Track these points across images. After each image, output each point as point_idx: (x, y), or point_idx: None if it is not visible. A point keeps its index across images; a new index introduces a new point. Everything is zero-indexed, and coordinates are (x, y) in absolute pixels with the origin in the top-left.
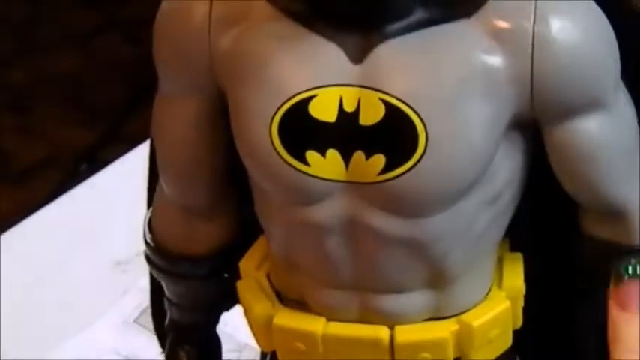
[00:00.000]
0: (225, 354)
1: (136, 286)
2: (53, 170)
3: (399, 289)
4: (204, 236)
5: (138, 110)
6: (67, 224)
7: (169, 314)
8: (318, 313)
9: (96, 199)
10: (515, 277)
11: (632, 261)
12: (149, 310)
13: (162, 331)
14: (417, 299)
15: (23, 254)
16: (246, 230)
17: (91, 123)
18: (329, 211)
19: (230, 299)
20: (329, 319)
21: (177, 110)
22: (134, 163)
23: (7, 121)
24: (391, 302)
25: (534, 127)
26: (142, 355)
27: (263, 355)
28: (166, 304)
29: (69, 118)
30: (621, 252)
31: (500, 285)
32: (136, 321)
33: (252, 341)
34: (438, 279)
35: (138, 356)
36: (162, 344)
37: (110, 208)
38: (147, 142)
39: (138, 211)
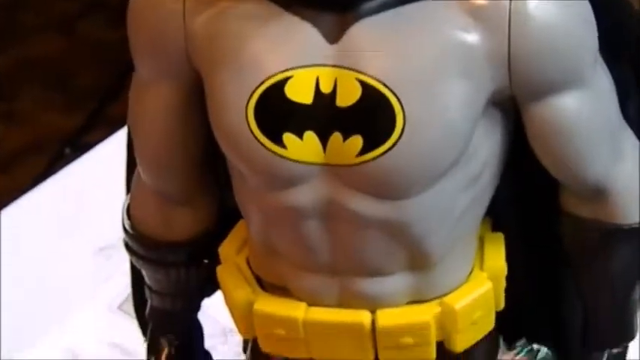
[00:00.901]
0: (210, 339)
1: (120, 272)
2: (38, 155)
3: (379, 273)
4: (182, 223)
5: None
6: (50, 210)
7: (150, 302)
8: (299, 299)
9: (79, 186)
10: (496, 257)
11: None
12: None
13: (143, 320)
14: (397, 282)
15: (6, 241)
16: (225, 217)
17: (75, 107)
18: (307, 195)
19: (211, 285)
20: (310, 305)
21: (153, 97)
22: (117, 148)
23: None
24: (372, 286)
25: (513, 105)
26: (126, 342)
27: (245, 343)
28: (147, 291)
29: (53, 102)
30: (604, 231)
31: (481, 266)
32: (120, 308)
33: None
34: (418, 261)
35: (122, 343)
36: (145, 332)
37: (93, 195)
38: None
39: (121, 197)
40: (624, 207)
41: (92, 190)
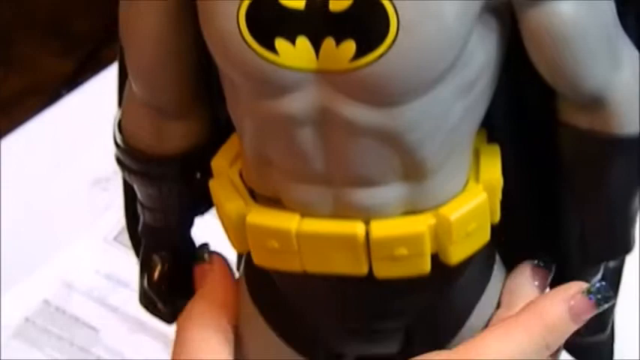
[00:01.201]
0: None
1: (116, 204)
2: (35, 98)
3: (373, 183)
4: (173, 136)
5: (116, 37)
6: (46, 143)
7: (142, 219)
8: (292, 210)
9: (75, 118)
10: (492, 169)
11: (599, 285)
12: None
13: (136, 239)
14: (392, 193)
15: (3, 173)
16: (218, 131)
17: (72, 51)
18: (300, 103)
19: (204, 203)
20: (303, 216)
21: (143, 5)
22: (113, 81)
23: None
24: (366, 196)
25: (509, 10)
26: (122, 273)
27: (239, 260)
28: (139, 208)
29: (50, 47)
30: (602, 141)
31: (477, 178)
32: (116, 239)
33: (232, 258)
34: (413, 171)
35: (118, 274)
36: (137, 252)
37: (90, 126)
38: None
39: None
40: (622, 117)
41: (88, 123)
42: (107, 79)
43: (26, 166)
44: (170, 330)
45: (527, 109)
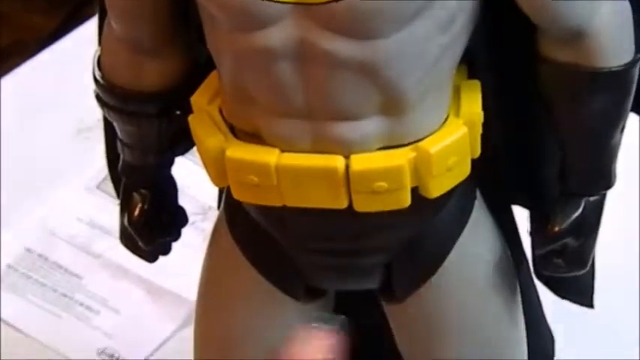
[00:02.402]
0: (190, 217)
1: (99, 153)
2: (18, 57)
3: (352, 116)
4: (152, 73)
5: None
6: (30, 92)
7: (122, 157)
8: (272, 145)
9: (59, 66)
10: (472, 104)
11: None
12: None
13: (118, 180)
14: (371, 127)
15: None
16: (197, 70)
17: (55, 9)
18: (279, 36)
19: (184, 142)
20: (283, 151)
21: None
22: (96, 32)
23: None
24: (345, 130)
25: None
26: (104, 220)
27: (220, 196)
28: (119, 146)
29: (34, 5)
30: (582, 75)
31: (457, 113)
32: (98, 187)
33: (215, 203)
34: (392, 105)
35: (101, 221)
36: (118, 192)
37: (73, 76)
38: None
39: None
40: (602, 51)
41: (71, 73)
42: (91, 26)
43: (9, 115)
44: (152, 277)
45: (508, 45)
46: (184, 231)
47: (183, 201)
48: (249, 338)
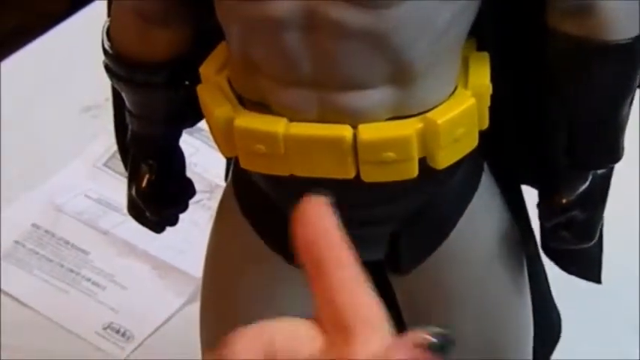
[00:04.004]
0: (197, 195)
1: (106, 131)
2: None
3: (360, 86)
4: (160, 42)
5: None
6: (38, 70)
7: (130, 127)
8: (280, 115)
9: (66, 46)
10: (481, 75)
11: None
12: (118, 154)
13: (126, 153)
14: (379, 96)
15: None
16: (206, 41)
17: None
18: (287, 5)
19: (192, 113)
20: (291, 120)
21: None
22: (104, 7)
23: None
24: (353, 99)
25: None
26: (112, 197)
27: (227, 167)
28: (128, 117)
29: None
30: (591, 48)
31: (465, 85)
32: (106, 164)
33: (222, 182)
34: (400, 75)
35: (109, 198)
36: (126, 164)
37: (80, 53)
38: None
39: None
40: (611, 23)
41: (80, 50)
42: (99, 8)
43: (17, 93)
44: (159, 253)
45: (517, 17)
46: (191, 208)
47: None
48: (256, 309)
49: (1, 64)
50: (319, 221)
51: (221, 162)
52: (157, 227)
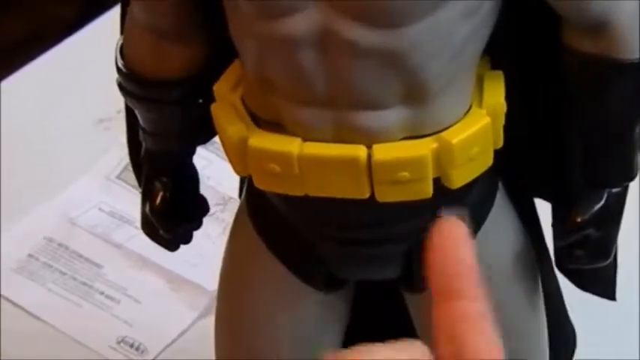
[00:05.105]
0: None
1: (118, 143)
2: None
3: (374, 106)
4: (175, 60)
5: None
6: (50, 82)
7: (144, 145)
8: (294, 134)
9: (79, 58)
10: (495, 94)
11: None
12: (131, 167)
13: (140, 169)
14: (394, 116)
15: (6, 111)
16: (220, 58)
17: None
18: (302, 24)
19: (205, 130)
20: (305, 140)
21: None
22: (117, 21)
23: None
24: (367, 119)
25: None
26: (125, 210)
27: (241, 185)
28: (141, 135)
29: None
30: (606, 66)
31: (480, 104)
32: (119, 177)
33: (235, 194)
34: (415, 95)
35: (121, 211)
36: (139, 180)
37: (93, 67)
38: None
39: None
40: (627, 41)
41: (92, 62)
42: (111, 19)
43: (30, 105)
44: (172, 267)
45: (531, 36)
46: (204, 222)
47: (203, 192)
48: (270, 327)
49: (12, 75)
50: (458, 242)
51: (234, 175)
52: (171, 245)
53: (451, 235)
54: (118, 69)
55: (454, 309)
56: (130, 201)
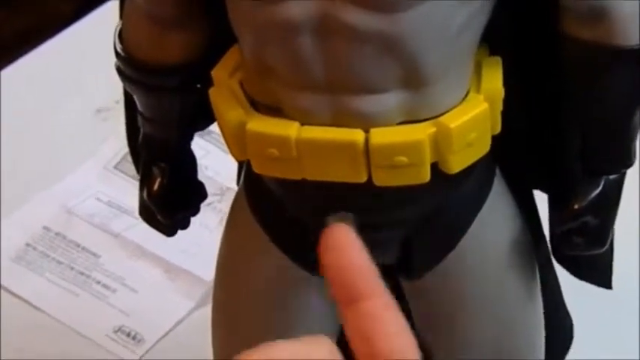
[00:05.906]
0: (208, 197)
1: (117, 134)
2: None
3: (372, 90)
4: (173, 45)
5: None
6: (48, 72)
7: (142, 130)
8: (292, 118)
9: (77, 48)
10: (493, 80)
11: None
12: (129, 157)
13: (138, 156)
14: (391, 100)
15: (5, 101)
16: (218, 44)
17: None
18: (300, 8)
19: (203, 117)
20: (303, 124)
21: None
22: (116, 12)
23: None
24: (365, 103)
25: None
26: (123, 200)
27: (239, 170)
28: (139, 120)
29: None
30: (603, 53)
31: (478, 90)
32: (116, 167)
33: (233, 184)
34: (412, 79)
35: (119, 201)
36: (137, 167)
37: (90, 56)
38: None
39: None
40: (625, 28)
41: (91, 53)
42: (110, 11)
43: (29, 95)
44: (170, 257)
45: (529, 22)
46: (202, 211)
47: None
48: (268, 313)
49: (11, 66)
50: (346, 248)
51: (232, 164)
52: (169, 230)
53: (338, 243)
54: (117, 53)
55: (358, 310)
56: (127, 191)
